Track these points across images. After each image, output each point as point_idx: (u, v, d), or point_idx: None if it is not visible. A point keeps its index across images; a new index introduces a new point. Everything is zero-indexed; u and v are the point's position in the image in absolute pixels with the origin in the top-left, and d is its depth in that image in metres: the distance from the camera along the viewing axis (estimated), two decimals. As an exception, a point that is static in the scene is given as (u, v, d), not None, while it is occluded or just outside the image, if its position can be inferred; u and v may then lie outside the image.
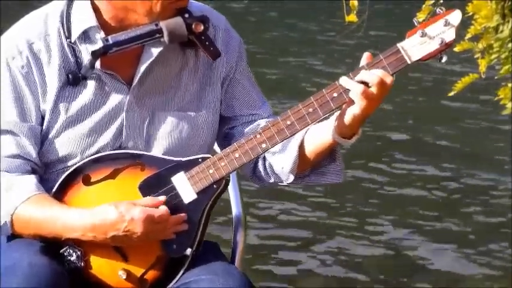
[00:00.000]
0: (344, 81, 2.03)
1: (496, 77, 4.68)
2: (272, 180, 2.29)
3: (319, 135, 2.17)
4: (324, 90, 2.12)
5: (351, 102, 2.04)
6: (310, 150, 2.19)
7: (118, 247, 2.12)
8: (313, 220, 6.25)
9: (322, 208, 6.69)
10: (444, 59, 2.11)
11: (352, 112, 2.05)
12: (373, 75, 2.02)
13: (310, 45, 11.74)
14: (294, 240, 6.31)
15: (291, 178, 2.23)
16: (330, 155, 2.23)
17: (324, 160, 2.26)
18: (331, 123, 2.14)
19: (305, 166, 2.25)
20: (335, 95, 2.09)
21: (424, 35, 2.10)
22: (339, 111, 2.12)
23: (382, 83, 2.01)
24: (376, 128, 7.02)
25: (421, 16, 2.18)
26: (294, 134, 2.14)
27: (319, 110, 2.11)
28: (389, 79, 2.03)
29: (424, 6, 2.49)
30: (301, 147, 2.19)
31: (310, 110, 2.11)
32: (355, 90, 2.01)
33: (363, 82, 2.02)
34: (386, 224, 6.69)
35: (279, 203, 5.61)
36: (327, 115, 2.14)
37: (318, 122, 2.17)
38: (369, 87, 2.01)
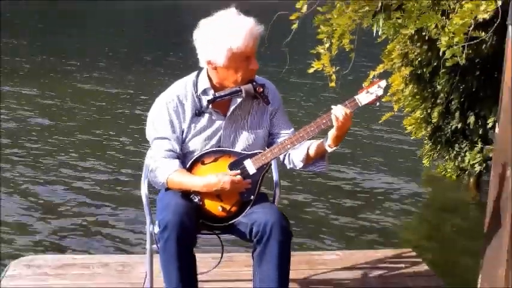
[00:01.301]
0: (330, 112, 3.22)
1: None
2: (291, 166, 3.50)
3: (317, 146, 3.36)
4: (318, 118, 3.33)
5: (331, 124, 3.23)
6: (312, 153, 3.39)
7: (217, 194, 3.33)
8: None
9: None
10: (377, 104, 3.37)
11: (332, 133, 3.25)
12: (341, 110, 3.20)
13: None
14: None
15: (300, 165, 3.45)
16: (321, 157, 3.42)
17: (318, 159, 3.44)
18: (324, 140, 3.30)
19: (308, 161, 3.43)
20: (324, 121, 3.29)
21: (367, 92, 3.30)
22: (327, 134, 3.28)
23: (345, 115, 3.20)
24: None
25: (366, 83, 3.49)
26: (302, 142, 3.35)
27: (316, 129, 3.31)
28: (348, 111, 3.20)
29: (368, 78, 3.87)
30: (307, 151, 3.39)
31: (311, 129, 3.31)
32: (333, 118, 3.20)
33: (337, 115, 3.20)
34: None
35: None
36: (317, 133, 3.31)
37: (315, 136, 3.35)
38: (339, 118, 3.20)
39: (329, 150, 3.36)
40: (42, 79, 15.60)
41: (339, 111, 3.24)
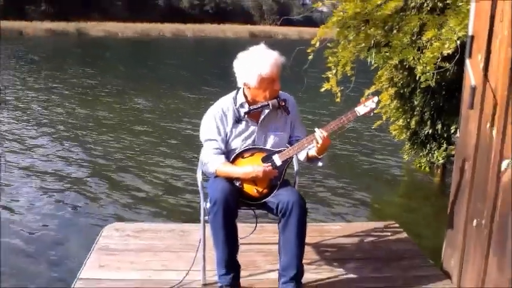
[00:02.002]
0: (315, 134, 3.27)
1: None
2: (301, 160, 3.58)
3: (312, 152, 3.40)
4: (307, 137, 3.36)
5: (312, 144, 3.32)
6: (310, 156, 3.44)
7: (253, 180, 3.36)
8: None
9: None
10: (371, 114, 3.38)
11: (314, 149, 3.36)
12: (321, 134, 3.26)
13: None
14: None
15: (303, 161, 3.52)
16: (315, 158, 3.43)
17: (314, 160, 3.46)
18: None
19: (309, 160, 3.48)
20: (309, 140, 3.32)
21: (364, 105, 3.31)
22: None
23: (323, 138, 3.25)
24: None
25: (363, 98, 3.47)
26: (308, 145, 3.36)
27: (305, 143, 3.34)
28: (324, 135, 3.25)
29: (364, 95, 3.88)
30: (307, 154, 3.45)
31: (301, 144, 3.35)
32: (314, 140, 3.29)
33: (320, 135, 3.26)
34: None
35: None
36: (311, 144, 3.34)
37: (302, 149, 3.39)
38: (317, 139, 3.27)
39: (319, 157, 3.41)
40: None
41: (318, 136, 3.30)
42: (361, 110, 3.34)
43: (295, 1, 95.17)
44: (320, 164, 3.47)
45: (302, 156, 3.49)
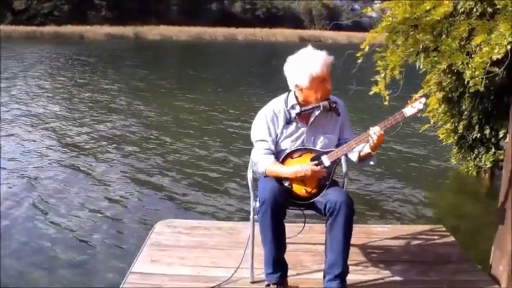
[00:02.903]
0: (370, 131, 3.25)
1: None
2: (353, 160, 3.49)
3: (365, 150, 3.35)
4: (360, 135, 3.32)
5: (367, 141, 3.28)
6: (361, 155, 3.38)
7: (302, 180, 3.32)
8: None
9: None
10: (419, 115, 3.38)
11: (368, 146, 3.31)
12: (377, 130, 3.23)
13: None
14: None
15: (355, 161, 3.45)
16: (368, 156, 3.38)
17: (366, 158, 3.41)
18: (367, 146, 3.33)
19: (360, 160, 3.41)
20: (363, 137, 3.28)
21: (411, 106, 3.27)
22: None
23: (379, 135, 3.23)
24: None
25: (411, 100, 3.45)
26: (362, 143, 3.32)
27: (364, 140, 3.29)
28: (379, 133, 3.23)
29: (412, 97, 3.79)
30: (359, 154, 3.38)
31: (354, 142, 3.30)
32: (370, 138, 3.26)
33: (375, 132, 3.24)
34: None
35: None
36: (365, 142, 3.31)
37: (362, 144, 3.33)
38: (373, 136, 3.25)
39: (372, 153, 3.37)
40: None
41: (374, 133, 3.27)
42: (408, 111, 3.29)
43: (344, 6, 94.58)
44: (372, 163, 3.43)
45: (354, 157, 3.44)
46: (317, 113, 3.40)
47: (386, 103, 5.73)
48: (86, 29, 57.67)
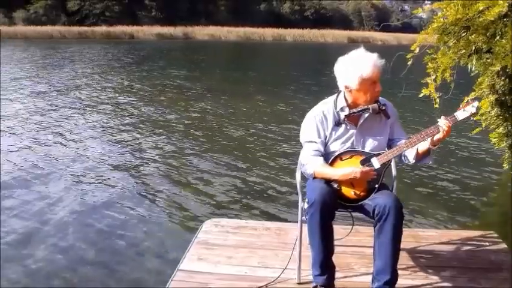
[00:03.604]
0: (436, 125, 3.21)
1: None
2: (406, 162, 3.43)
3: (423, 147, 3.28)
4: (427, 129, 3.25)
5: (438, 132, 3.21)
6: (420, 152, 3.30)
7: (351, 182, 3.29)
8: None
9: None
10: (471, 119, 3.37)
11: (437, 136, 3.22)
12: (445, 123, 3.18)
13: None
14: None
15: (412, 161, 3.37)
16: (427, 153, 3.32)
17: (424, 155, 3.34)
18: (428, 142, 3.26)
19: (418, 157, 3.34)
20: (431, 131, 3.21)
21: (464, 110, 3.21)
22: (431, 137, 3.24)
23: (448, 126, 3.17)
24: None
25: (463, 104, 3.40)
26: (414, 145, 3.28)
27: (426, 136, 3.24)
28: (449, 124, 3.17)
29: (463, 102, 3.72)
30: (417, 150, 3.30)
31: (421, 136, 3.24)
32: (442, 127, 3.21)
33: (443, 126, 3.19)
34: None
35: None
36: (425, 139, 3.25)
37: (423, 140, 3.27)
38: (444, 128, 3.19)
39: (433, 149, 3.30)
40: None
41: (444, 124, 3.19)
42: (460, 115, 3.24)
43: (394, 7, 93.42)
44: (430, 161, 3.40)
45: (411, 155, 3.38)
46: (366, 115, 3.38)
47: (436, 106, 5.66)
48: (136, 29, 58.78)
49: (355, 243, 4.19)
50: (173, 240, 5.48)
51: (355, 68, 3.25)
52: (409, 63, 5.81)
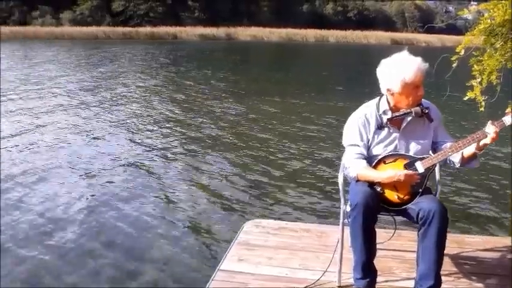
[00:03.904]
0: (482, 130, 3.15)
1: None
2: (451, 166, 3.36)
3: (469, 151, 3.22)
4: (473, 133, 3.18)
5: (485, 136, 3.15)
6: (465, 156, 3.25)
7: (395, 186, 3.24)
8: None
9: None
10: None
11: (484, 141, 3.16)
12: (493, 128, 3.12)
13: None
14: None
15: (458, 165, 3.31)
16: (473, 157, 3.27)
17: (470, 159, 3.29)
18: (473, 146, 3.20)
19: (463, 161, 3.29)
20: (478, 136, 3.15)
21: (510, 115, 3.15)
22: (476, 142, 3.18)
23: (496, 132, 3.11)
24: None
25: (508, 109, 3.34)
26: (459, 150, 3.22)
27: (472, 141, 3.18)
28: (497, 130, 3.12)
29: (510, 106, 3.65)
30: (462, 155, 3.25)
31: (467, 141, 3.18)
32: (489, 133, 3.15)
33: (491, 132, 3.13)
34: None
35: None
36: (471, 144, 3.19)
37: (468, 145, 3.19)
38: (492, 133, 3.12)
39: (478, 153, 3.25)
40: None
41: (491, 130, 3.14)
42: (508, 120, 3.16)
43: (438, 8, 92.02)
44: (476, 165, 3.34)
45: (456, 159, 3.32)
46: (409, 119, 3.33)
47: (481, 109, 5.53)
48: (179, 29, 59.41)
49: (397, 248, 4.13)
50: (214, 241, 5.52)
51: (398, 71, 3.21)
52: (454, 65, 5.71)
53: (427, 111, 3.32)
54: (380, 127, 3.37)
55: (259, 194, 7.07)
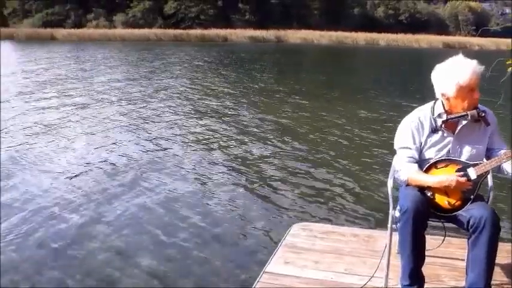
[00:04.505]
0: None
1: None
2: (504, 174, 3.27)
3: None
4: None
5: None
6: None
7: (446, 191, 3.19)
8: None
9: None
10: None
11: None
12: None
13: None
14: None
15: (511, 174, 3.21)
16: None
17: None
18: None
19: None
20: None
21: None
22: None
23: None
24: None
25: None
26: (507, 161, 3.14)
27: (508, 157, 3.12)
28: None
29: None
30: None
31: None
32: None
33: None
34: None
35: None
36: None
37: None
38: None
39: None
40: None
41: None
42: None
43: (494, 10, 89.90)
44: None
45: (509, 167, 3.23)
46: (464, 122, 3.27)
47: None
48: (230, 32, 59.86)
49: (446, 255, 4.05)
50: (260, 242, 5.52)
51: (452, 75, 3.16)
52: (510, 69, 5.56)
53: (483, 114, 3.26)
54: (434, 130, 3.32)
55: (306, 197, 7.05)
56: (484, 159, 3.31)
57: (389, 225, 3.50)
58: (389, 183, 3.56)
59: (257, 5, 69.23)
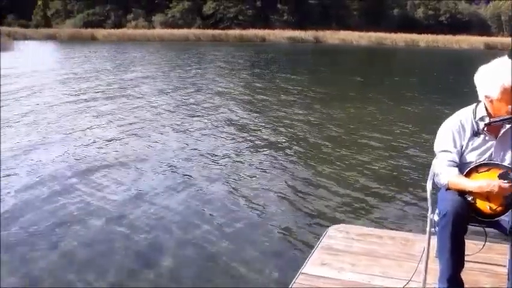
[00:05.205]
0: None
1: None
2: None
3: None
4: None
5: None
6: None
7: (487, 196, 3.09)
8: None
9: None
10: None
11: None
12: None
13: None
14: None
15: None
16: None
17: None
18: None
19: None
20: None
21: None
22: None
23: None
24: None
25: None
26: None
27: None
28: None
29: None
30: None
31: None
32: None
33: None
34: None
35: None
36: None
37: None
38: None
39: None
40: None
41: None
42: None
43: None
44: None
45: None
46: (508, 126, 3.18)
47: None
48: (268, 32, 59.97)
49: (486, 261, 3.97)
50: (297, 244, 5.49)
51: (496, 76, 3.08)
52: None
53: None
54: (476, 134, 3.25)
55: (343, 199, 6.99)
56: None
57: (427, 229, 3.44)
58: (429, 186, 3.49)
59: (296, 6, 69.20)
